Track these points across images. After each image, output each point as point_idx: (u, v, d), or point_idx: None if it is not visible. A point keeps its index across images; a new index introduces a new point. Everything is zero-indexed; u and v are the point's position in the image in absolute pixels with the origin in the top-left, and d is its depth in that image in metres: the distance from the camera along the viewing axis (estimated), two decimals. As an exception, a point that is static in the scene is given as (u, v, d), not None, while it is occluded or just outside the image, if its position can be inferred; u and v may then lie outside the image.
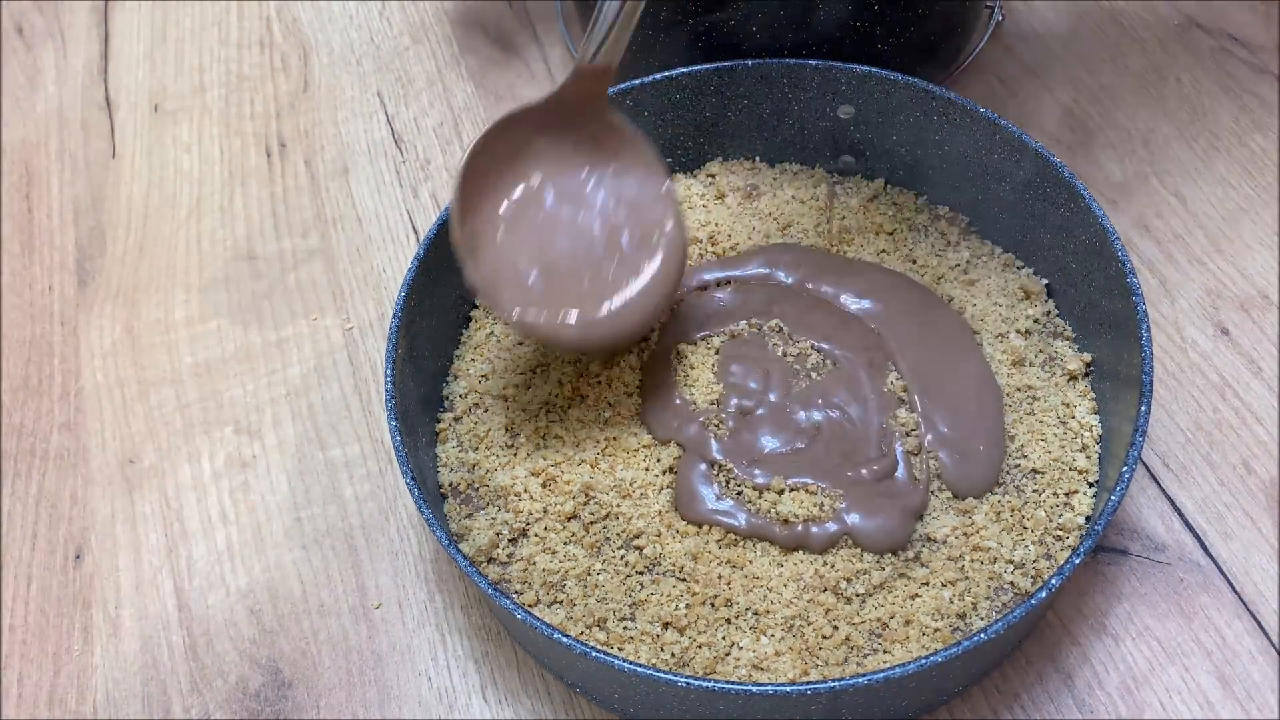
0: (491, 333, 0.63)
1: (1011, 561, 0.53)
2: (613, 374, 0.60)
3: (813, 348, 0.60)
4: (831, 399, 0.58)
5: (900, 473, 0.55)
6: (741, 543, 0.54)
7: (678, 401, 0.58)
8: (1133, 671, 0.54)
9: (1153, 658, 0.54)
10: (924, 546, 0.54)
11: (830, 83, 0.65)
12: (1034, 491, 0.55)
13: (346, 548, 0.61)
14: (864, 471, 0.55)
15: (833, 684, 0.45)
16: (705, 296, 0.63)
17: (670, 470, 0.57)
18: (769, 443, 0.57)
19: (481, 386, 0.61)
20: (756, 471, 0.56)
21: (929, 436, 0.56)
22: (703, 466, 0.56)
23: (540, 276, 0.57)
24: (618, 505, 0.56)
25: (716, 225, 0.66)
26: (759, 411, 0.58)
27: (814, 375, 0.59)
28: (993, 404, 0.57)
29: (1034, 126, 0.74)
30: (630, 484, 0.56)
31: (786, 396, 0.58)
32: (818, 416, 0.58)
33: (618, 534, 0.55)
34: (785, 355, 0.60)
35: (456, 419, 0.60)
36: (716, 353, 0.60)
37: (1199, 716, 0.53)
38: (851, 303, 0.62)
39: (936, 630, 0.51)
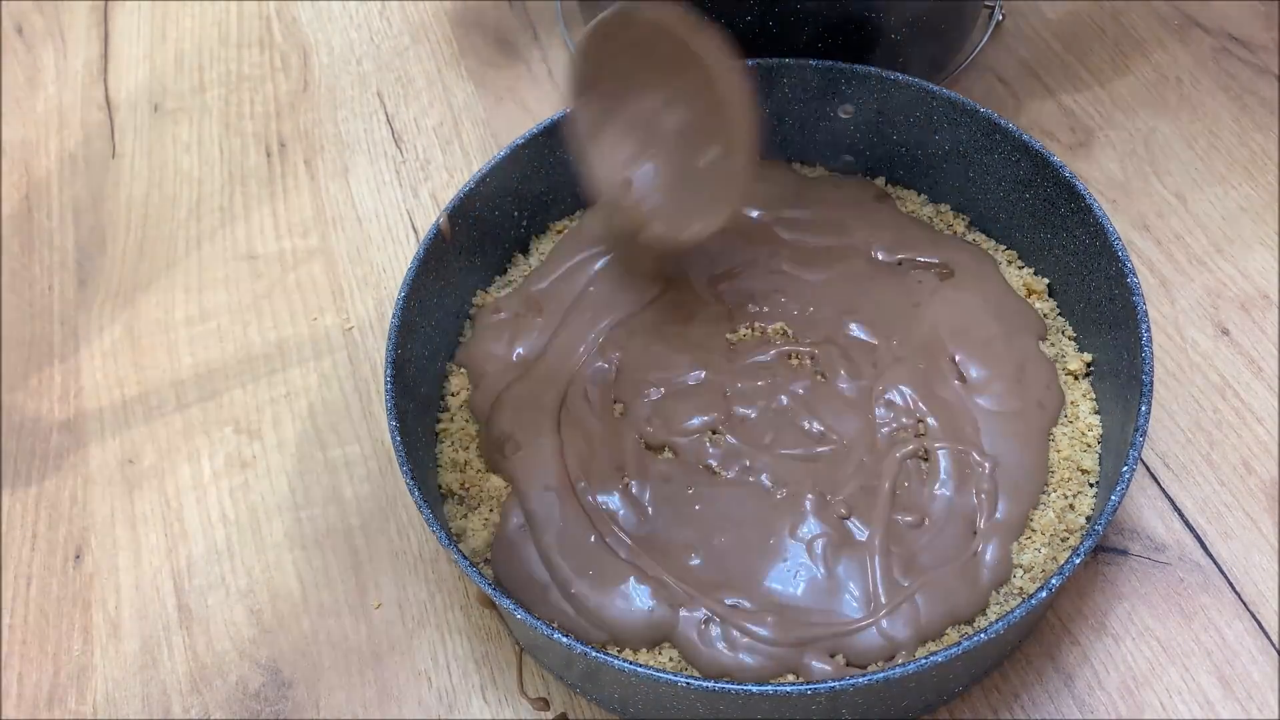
0: (488, 331, 0.63)
1: (1020, 565, 0.53)
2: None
3: (816, 348, 0.60)
4: (834, 403, 0.58)
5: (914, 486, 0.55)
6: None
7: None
8: (1133, 671, 0.54)
9: (1153, 658, 0.54)
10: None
11: (830, 83, 0.65)
12: (1043, 492, 0.55)
13: (346, 548, 0.61)
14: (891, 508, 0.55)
15: (833, 684, 0.45)
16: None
17: None
18: (766, 447, 0.57)
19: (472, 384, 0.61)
20: (751, 480, 0.56)
21: (981, 461, 0.55)
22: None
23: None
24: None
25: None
26: (753, 416, 0.58)
27: (820, 378, 0.59)
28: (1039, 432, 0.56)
29: (1034, 126, 0.74)
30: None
31: (787, 400, 0.58)
32: (820, 423, 0.57)
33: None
34: (791, 358, 0.60)
35: (454, 418, 0.60)
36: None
37: (1199, 716, 0.53)
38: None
39: (944, 634, 0.51)
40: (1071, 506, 0.54)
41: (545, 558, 0.54)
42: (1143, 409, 0.50)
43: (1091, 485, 0.55)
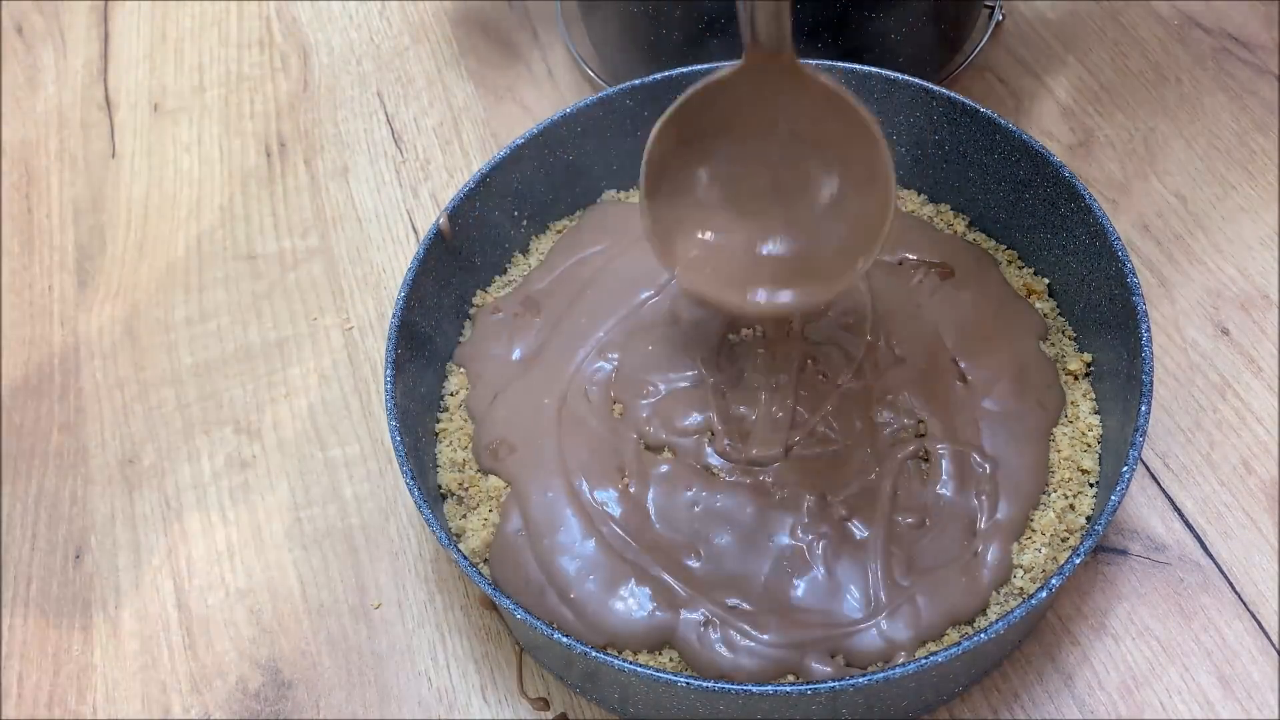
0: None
1: (1020, 565, 0.53)
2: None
3: (817, 349, 0.60)
4: (835, 403, 0.58)
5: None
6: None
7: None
8: (1133, 671, 0.54)
9: (1153, 658, 0.54)
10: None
11: (830, 83, 0.65)
12: (1043, 493, 0.55)
13: (346, 548, 0.61)
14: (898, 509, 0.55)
15: (833, 684, 0.45)
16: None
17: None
18: (762, 447, 0.57)
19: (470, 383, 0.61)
20: (751, 480, 0.56)
21: (977, 460, 0.55)
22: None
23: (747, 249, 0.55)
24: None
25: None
26: (753, 417, 0.58)
27: (821, 378, 0.59)
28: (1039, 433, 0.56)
29: (1034, 126, 0.74)
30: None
31: (785, 399, 0.58)
32: (820, 424, 0.57)
33: (616, 534, 0.55)
34: (791, 356, 0.60)
35: (453, 418, 0.60)
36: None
37: (1199, 716, 0.53)
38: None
39: (944, 634, 0.51)
40: (1072, 507, 0.54)
41: (544, 560, 0.54)
42: (1143, 409, 0.50)
43: (1091, 485, 0.55)
